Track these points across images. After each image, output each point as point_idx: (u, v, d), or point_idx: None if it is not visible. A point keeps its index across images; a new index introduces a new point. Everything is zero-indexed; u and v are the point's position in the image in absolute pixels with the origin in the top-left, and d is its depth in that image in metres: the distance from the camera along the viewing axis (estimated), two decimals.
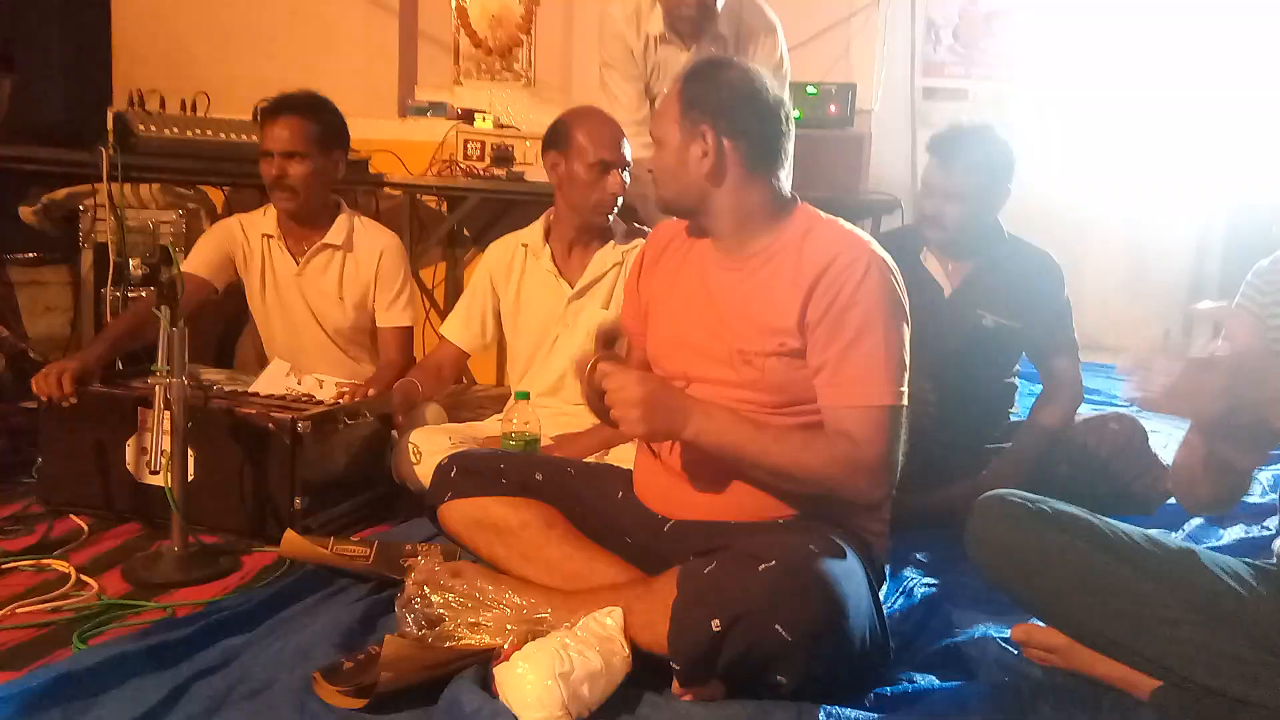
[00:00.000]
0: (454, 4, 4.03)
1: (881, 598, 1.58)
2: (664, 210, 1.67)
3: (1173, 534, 1.95)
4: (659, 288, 1.71)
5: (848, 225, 1.58)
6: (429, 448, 2.18)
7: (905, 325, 1.52)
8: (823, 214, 1.60)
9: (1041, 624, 1.56)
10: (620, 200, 2.32)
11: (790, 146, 1.59)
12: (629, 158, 2.31)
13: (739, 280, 1.58)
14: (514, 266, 2.43)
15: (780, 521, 1.53)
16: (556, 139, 2.30)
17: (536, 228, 2.43)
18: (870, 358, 1.48)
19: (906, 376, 1.51)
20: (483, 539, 1.69)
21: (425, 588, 1.51)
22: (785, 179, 1.59)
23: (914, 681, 1.52)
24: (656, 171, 1.61)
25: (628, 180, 2.31)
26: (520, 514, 1.67)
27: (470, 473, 1.73)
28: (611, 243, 2.38)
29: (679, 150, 1.56)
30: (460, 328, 2.48)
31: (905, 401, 1.50)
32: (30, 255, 3.44)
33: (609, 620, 1.42)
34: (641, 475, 1.71)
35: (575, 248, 2.39)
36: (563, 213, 2.37)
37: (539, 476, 1.72)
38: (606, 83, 2.90)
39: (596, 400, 1.54)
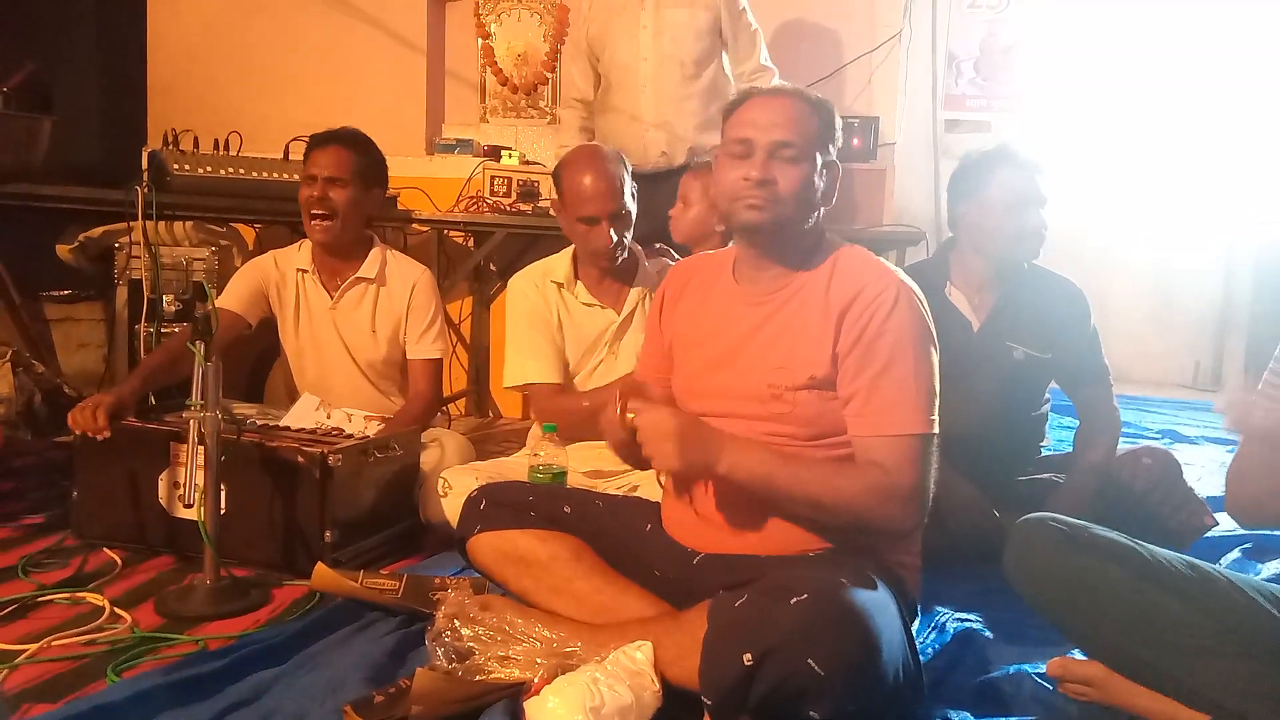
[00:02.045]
0: (480, 43, 4.10)
1: (914, 632, 1.56)
2: (757, 229, 1.55)
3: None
4: (682, 326, 1.71)
5: (872, 255, 1.59)
6: (458, 486, 2.18)
7: (934, 353, 1.52)
8: (845, 243, 1.61)
9: (1078, 656, 1.54)
10: (622, 247, 2.28)
11: None
12: (625, 202, 2.24)
13: (767, 315, 1.58)
14: (550, 302, 2.38)
15: (811, 555, 1.53)
16: (556, 186, 2.31)
17: (564, 263, 2.37)
18: (900, 386, 1.48)
19: (936, 404, 1.50)
20: (512, 572, 1.69)
21: (455, 621, 1.51)
22: None
23: (948, 719, 1.50)
24: (792, 189, 1.53)
25: (632, 220, 2.27)
26: (549, 546, 1.67)
27: (499, 505, 1.74)
28: (641, 267, 2.38)
29: (813, 173, 1.55)
30: (547, 368, 2.31)
31: (936, 430, 1.49)
32: (65, 292, 3.51)
33: (639, 654, 1.42)
34: (670, 509, 1.70)
35: (605, 278, 2.37)
36: (581, 250, 2.37)
37: (567, 509, 1.72)
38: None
39: (627, 441, 1.52)
